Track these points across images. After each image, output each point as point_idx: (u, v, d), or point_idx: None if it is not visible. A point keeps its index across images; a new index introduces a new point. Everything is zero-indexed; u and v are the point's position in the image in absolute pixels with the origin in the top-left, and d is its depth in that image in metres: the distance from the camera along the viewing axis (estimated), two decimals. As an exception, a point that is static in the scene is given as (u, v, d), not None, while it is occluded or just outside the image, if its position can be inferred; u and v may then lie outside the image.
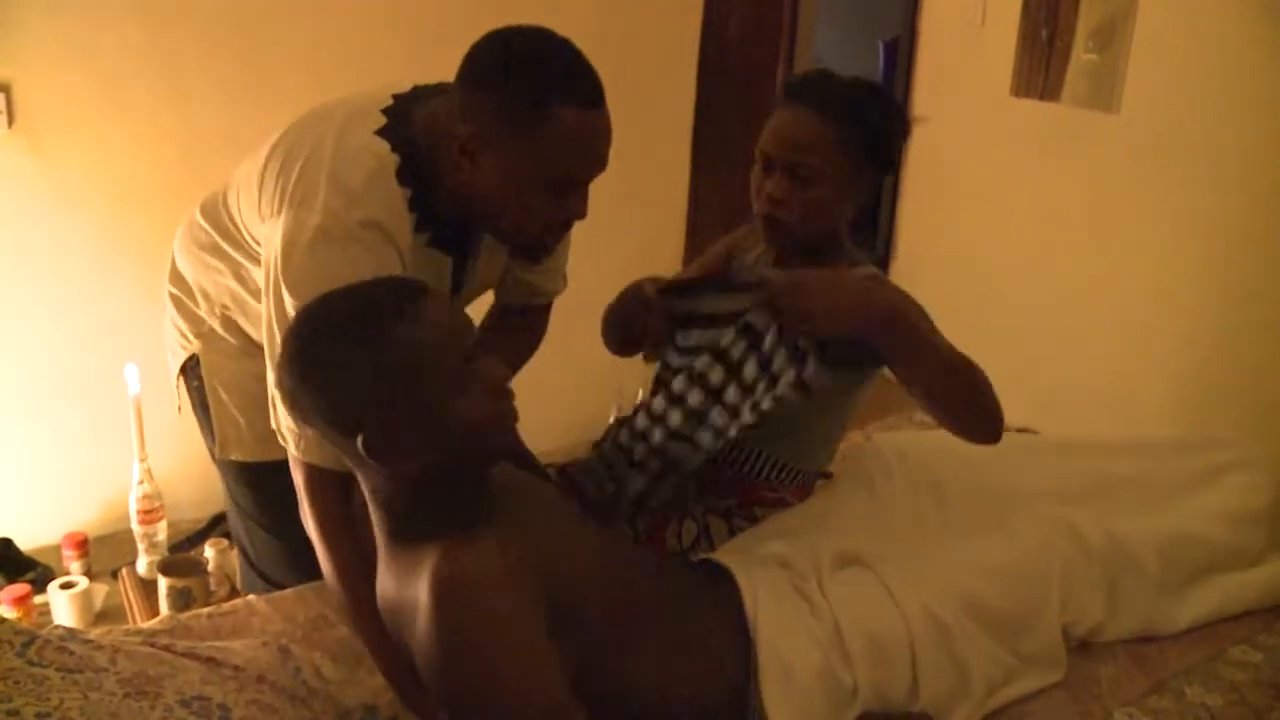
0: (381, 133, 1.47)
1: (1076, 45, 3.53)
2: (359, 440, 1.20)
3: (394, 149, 1.46)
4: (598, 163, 1.45)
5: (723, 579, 1.51)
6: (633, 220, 3.21)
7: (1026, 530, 1.67)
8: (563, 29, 1.45)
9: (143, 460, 2.38)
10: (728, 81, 4.03)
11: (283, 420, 1.46)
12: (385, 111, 1.49)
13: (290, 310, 1.40)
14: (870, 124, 1.61)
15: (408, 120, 1.48)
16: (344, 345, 1.21)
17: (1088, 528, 1.67)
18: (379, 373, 1.20)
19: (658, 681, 1.38)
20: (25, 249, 2.63)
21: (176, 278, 1.79)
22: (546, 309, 1.90)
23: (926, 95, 4.18)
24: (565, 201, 1.45)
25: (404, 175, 1.46)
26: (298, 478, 1.48)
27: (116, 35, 2.62)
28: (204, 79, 2.73)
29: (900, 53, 4.84)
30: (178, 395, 1.86)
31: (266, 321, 1.46)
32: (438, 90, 1.52)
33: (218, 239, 1.67)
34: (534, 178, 1.41)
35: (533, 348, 1.90)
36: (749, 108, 3.92)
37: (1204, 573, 1.74)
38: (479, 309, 1.84)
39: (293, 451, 1.47)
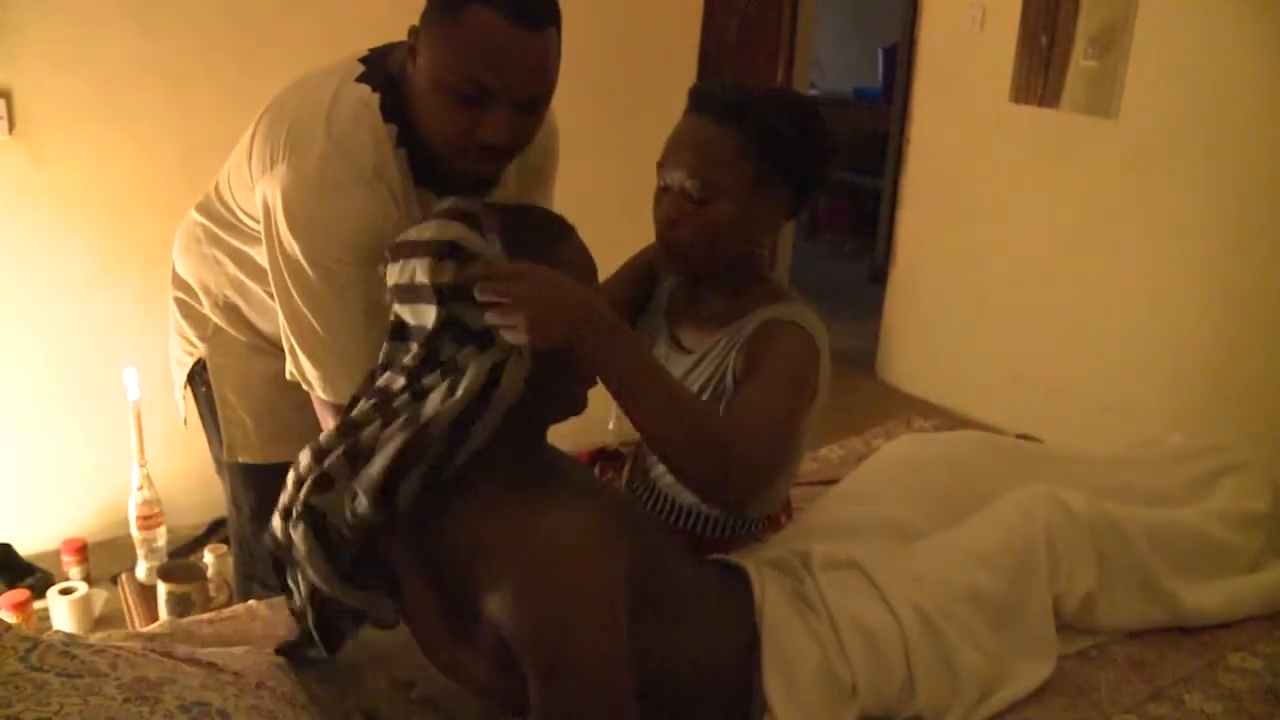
0: (361, 79, 1.50)
1: (1075, 51, 3.54)
2: None
3: (374, 90, 1.49)
4: (504, 76, 1.38)
5: (732, 574, 1.52)
6: (633, 223, 3.20)
7: (1006, 506, 1.67)
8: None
9: (142, 465, 2.37)
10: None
11: (304, 367, 1.50)
12: (363, 60, 1.53)
13: (295, 254, 1.44)
14: (778, 132, 1.47)
15: (384, 63, 1.52)
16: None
17: (1074, 497, 1.67)
18: None
19: (667, 665, 1.38)
20: (25, 253, 2.64)
21: (178, 281, 1.81)
22: None
23: (926, 101, 4.19)
24: (475, 116, 1.40)
25: (387, 110, 1.48)
26: (329, 421, 1.50)
27: (116, 41, 2.63)
28: (203, 84, 2.74)
29: (899, 58, 4.85)
30: (183, 407, 1.87)
31: (273, 270, 1.49)
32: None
33: (215, 229, 1.70)
34: (441, 78, 1.39)
35: None
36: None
37: (1200, 573, 1.74)
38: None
39: (318, 394, 1.50)
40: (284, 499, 1.30)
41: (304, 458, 1.29)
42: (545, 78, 1.44)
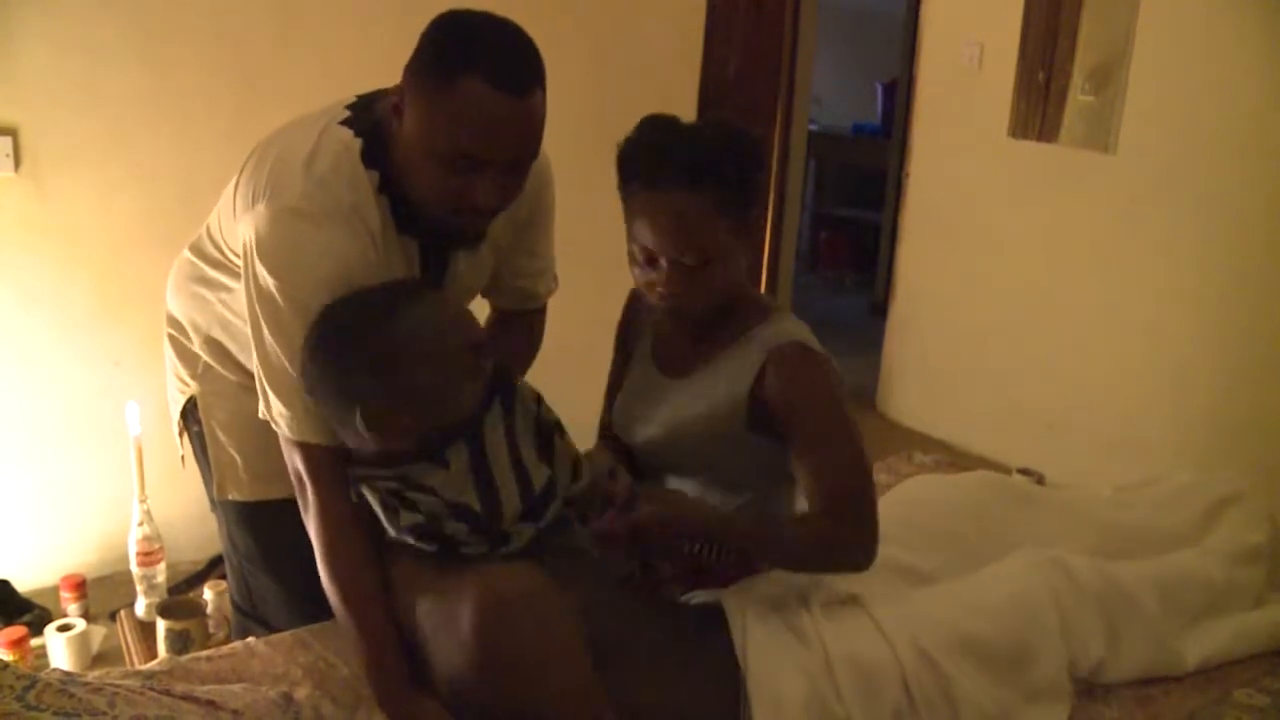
0: (345, 123, 1.51)
1: (1073, 87, 3.56)
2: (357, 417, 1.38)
3: (357, 134, 1.49)
4: (496, 147, 1.40)
5: (712, 613, 1.52)
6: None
7: (1016, 568, 1.67)
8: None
9: (143, 501, 2.37)
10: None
11: (273, 406, 1.49)
12: (349, 106, 1.54)
13: (270, 290, 1.45)
14: (737, 178, 1.50)
15: (370, 110, 1.52)
16: (343, 343, 1.40)
17: (1080, 566, 1.67)
18: (373, 367, 1.39)
19: (651, 710, 1.38)
20: (29, 288, 2.64)
21: (170, 319, 1.83)
22: (542, 312, 1.93)
23: (925, 136, 4.21)
24: (468, 181, 1.42)
25: (369, 157, 1.49)
26: (296, 462, 1.50)
27: (122, 79, 2.65)
28: (207, 122, 2.75)
29: (899, 94, 4.89)
30: (181, 445, 1.87)
31: (249, 308, 1.50)
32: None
33: (205, 268, 1.71)
34: (432, 146, 1.40)
35: (534, 351, 1.94)
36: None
37: (1207, 613, 1.73)
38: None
39: (285, 434, 1.50)
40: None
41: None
42: (534, 141, 1.46)
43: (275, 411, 1.49)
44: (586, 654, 1.27)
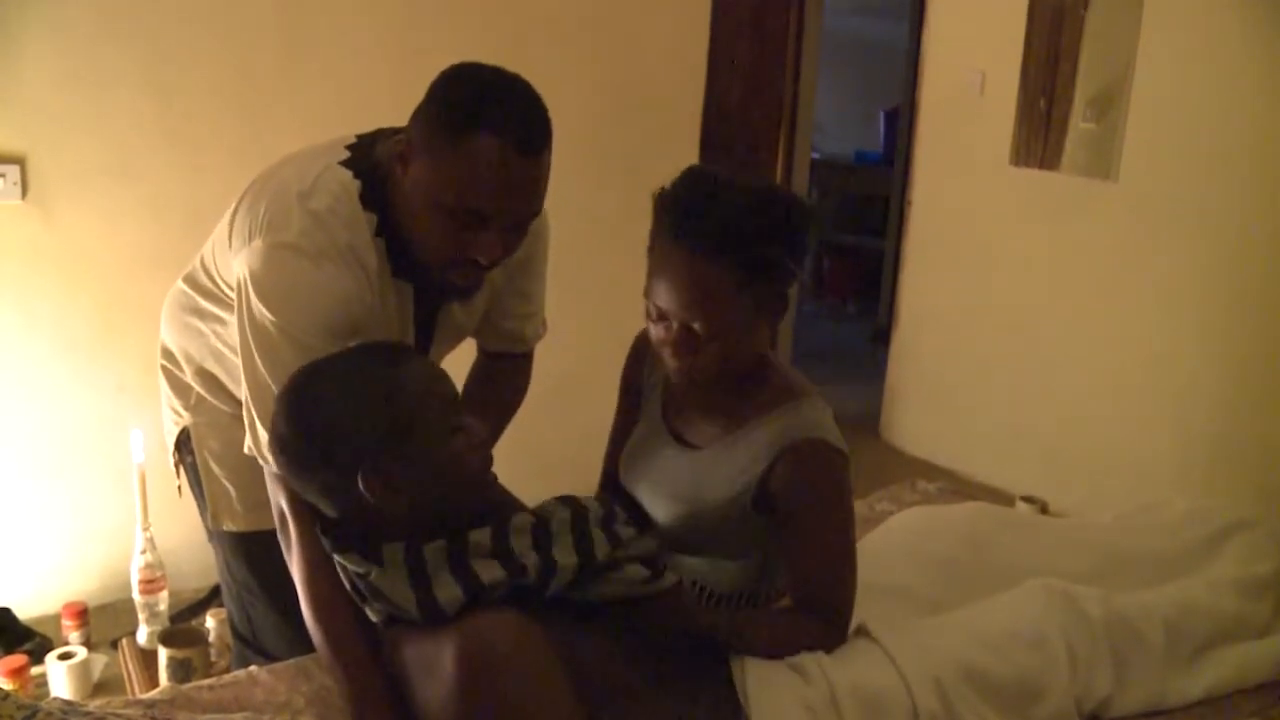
0: (345, 163, 1.52)
1: (1074, 115, 3.58)
2: (358, 478, 1.33)
3: (356, 175, 1.50)
4: (505, 203, 1.42)
5: (711, 644, 1.51)
6: (636, 290, 3.21)
7: (1022, 600, 1.66)
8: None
9: (145, 529, 2.36)
10: (730, 152, 4.08)
11: (261, 440, 1.49)
12: (349, 147, 1.55)
13: (266, 324, 1.45)
14: (769, 257, 1.44)
15: (370, 152, 1.53)
16: (341, 401, 1.35)
17: (1086, 599, 1.66)
18: (375, 422, 1.34)
19: None
20: (34, 315, 2.65)
21: (164, 350, 1.84)
22: (528, 358, 1.92)
23: (927, 163, 4.22)
24: (471, 237, 1.43)
25: (367, 199, 1.50)
26: (280, 499, 1.49)
27: (128, 106, 2.67)
28: (213, 149, 2.77)
29: (901, 121, 4.91)
30: (177, 475, 1.88)
31: (241, 342, 1.50)
32: (401, 130, 1.56)
33: (198, 299, 1.72)
34: (439, 199, 1.41)
35: (519, 396, 1.93)
36: (751, 176, 3.96)
37: (1213, 644, 1.72)
38: (461, 360, 1.87)
39: (271, 468, 1.49)
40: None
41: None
42: (540, 199, 1.48)
43: (263, 445, 1.49)
44: (573, 700, 1.26)
